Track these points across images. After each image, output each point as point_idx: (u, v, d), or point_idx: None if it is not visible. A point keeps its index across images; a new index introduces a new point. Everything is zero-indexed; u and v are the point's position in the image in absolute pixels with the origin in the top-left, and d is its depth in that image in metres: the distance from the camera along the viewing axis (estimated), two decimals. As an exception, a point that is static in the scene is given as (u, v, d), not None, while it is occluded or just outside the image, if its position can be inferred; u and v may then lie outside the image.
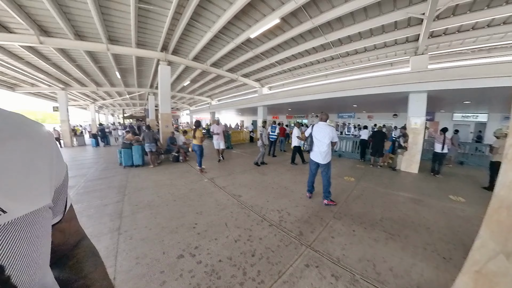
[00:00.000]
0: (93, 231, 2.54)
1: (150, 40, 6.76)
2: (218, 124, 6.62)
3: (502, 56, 6.38)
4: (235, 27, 5.89)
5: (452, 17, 5.07)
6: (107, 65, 9.06)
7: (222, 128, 6.67)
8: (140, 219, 2.82)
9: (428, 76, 5.88)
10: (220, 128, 6.52)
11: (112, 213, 3.01)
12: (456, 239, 2.51)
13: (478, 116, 10.98)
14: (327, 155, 3.39)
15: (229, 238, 2.36)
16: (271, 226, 2.65)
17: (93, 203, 3.39)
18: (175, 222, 2.74)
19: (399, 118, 13.50)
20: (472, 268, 1.12)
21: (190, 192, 3.94)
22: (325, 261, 2.02)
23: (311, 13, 5.02)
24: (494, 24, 5.33)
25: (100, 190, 4.04)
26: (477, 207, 3.52)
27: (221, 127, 6.55)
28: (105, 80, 11.60)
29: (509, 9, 4.51)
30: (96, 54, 7.87)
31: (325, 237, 2.46)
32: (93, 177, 5.03)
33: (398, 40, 6.41)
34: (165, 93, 7.98)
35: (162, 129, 7.80)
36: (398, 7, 4.76)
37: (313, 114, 19.50)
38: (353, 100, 9.16)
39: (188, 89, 16.12)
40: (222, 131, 6.57)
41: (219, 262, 1.95)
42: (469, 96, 6.88)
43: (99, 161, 7.05)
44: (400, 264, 2.00)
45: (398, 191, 4.38)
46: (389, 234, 2.57)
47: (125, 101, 21.62)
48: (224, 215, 2.94)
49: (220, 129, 6.49)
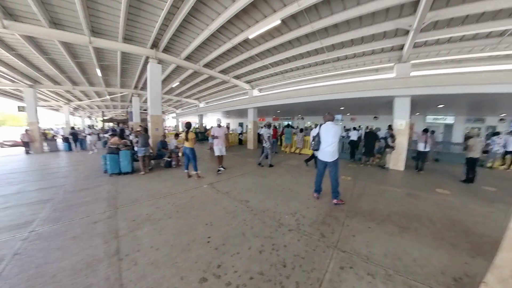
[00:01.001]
0: (83, 258, 2.00)
1: (140, 35, 6.34)
2: (220, 126, 5.83)
3: (470, 66, 7.26)
4: (233, 27, 5.81)
5: (433, 31, 5.64)
6: (87, 60, 8.28)
7: (224, 131, 5.93)
8: (142, 238, 2.39)
9: (411, 82, 6.44)
10: (222, 131, 5.77)
11: (105, 232, 2.51)
12: (454, 226, 2.81)
13: (446, 119, 12.34)
14: (333, 154, 3.48)
15: (252, 249, 2.17)
16: (291, 231, 2.58)
17: (78, 221, 2.83)
18: (185, 238, 2.39)
19: (379, 120, 14.55)
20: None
21: (192, 200, 3.60)
22: (356, 261, 2.03)
23: (311, 18, 5.18)
24: (465, 39, 6.06)
25: (85, 204, 3.45)
26: (461, 199, 4.01)
27: (223, 130, 5.81)
28: (83, 78, 10.58)
29: (478, 27, 5.21)
30: (75, 47, 7.13)
31: (346, 236, 2.50)
32: (73, 187, 4.36)
33: (385, 49, 6.92)
34: (155, 93, 7.52)
35: (152, 133, 7.31)
36: (389, 18, 5.14)
37: (299, 116, 20.05)
38: (342, 103, 9.63)
39: (176, 90, 15.47)
40: (224, 134, 5.82)
41: (250, 280, 1.74)
42: (443, 100, 7.70)
43: (78, 168, 6.30)
44: (420, 255, 2.14)
45: (393, 187, 4.71)
46: (401, 228, 2.73)
47: (105, 102, 19.92)
48: (237, 224, 2.72)
49: (222, 132, 5.74)
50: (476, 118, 11.75)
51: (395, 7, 4.69)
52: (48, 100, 16.91)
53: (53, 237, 2.41)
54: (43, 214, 3.03)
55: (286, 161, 7.74)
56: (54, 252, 2.12)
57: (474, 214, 3.25)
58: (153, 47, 6.99)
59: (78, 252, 2.12)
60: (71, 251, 2.13)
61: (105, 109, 26.84)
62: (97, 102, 19.48)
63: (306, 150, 9.86)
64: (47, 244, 2.26)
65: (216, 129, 5.74)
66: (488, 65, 7.06)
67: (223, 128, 5.93)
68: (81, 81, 11.27)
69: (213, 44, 7.08)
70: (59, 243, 2.27)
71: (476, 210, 3.46)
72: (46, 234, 2.47)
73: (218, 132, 5.70)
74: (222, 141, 5.68)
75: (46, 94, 14.94)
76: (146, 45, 6.81)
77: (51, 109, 22.45)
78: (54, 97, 16.13)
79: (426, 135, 6.30)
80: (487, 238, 2.52)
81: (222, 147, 5.73)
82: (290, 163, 7.48)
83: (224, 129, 6.02)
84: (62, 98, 16.66)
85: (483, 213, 3.34)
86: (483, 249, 2.27)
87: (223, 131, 5.80)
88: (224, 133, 5.86)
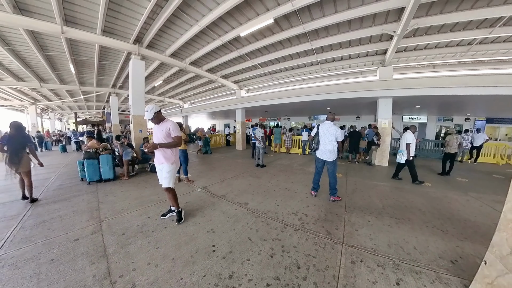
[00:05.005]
0: (66, 285, 1.64)
1: (122, 28, 5.86)
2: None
3: (442, 71, 7.96)
4: (224, 24, 5.64)
5: (412, 37, 6.07)
6: (58, 54, 7.45)
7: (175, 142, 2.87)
8: (136, 254, 2.07)
9: (393, 84, 6.89)
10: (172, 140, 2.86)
11: (90, 251, 2.11)
12: (441, 214, 3.14)
13: (420, 118, 13.47)
14: (332, 153, 3.54)
15: (262, 254, 2.07)
16: (297, 231, 2.54)
17: (54, 239, 2.34)
18: (187, 249, 2.15)
19: (361, 120, 15.37)
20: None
21: (187, 206, 3.34)
22: (365, 254, 2.10)
23: (304, 19, 5.23)
24: (440, 46, 6.63)
25: (61, 218, 2.91)
26: (441, 189, 4.49)
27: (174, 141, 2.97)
28: (53, 75, 9.51)
29: (451, 35, 5.73)
30: (44, 38, 6.34)
31: (350, 231, 2.56)
32: (45, 199, 3.72)
33: (370, 52, 7.29)
34: (138, 92, 7.01)
35: (135, 135, 6.80)
36: (376, 23, 5.41)
37: (285, 117, 20.34)
38: (328, 103, 9.97)
39: (159, 90, 14.70)
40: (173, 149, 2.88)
41: (268, 287, 1.67)
42: (420, 102, 8.36)
43: (49, 176, 5.50)
44: (418, 242, 2.33)
45: (381, 182, 5.03)
46: (396, 219, 2.94)
47: (78, 103, 18.19)
48: (241, 229, 2.59)
49: (169, 151, 2.83)
50: (446, 117, 12.99)
51: (381, 13, 4.94)
52: (10, 99, 14.97)
53: (25, 262, 1.95)
54: (9, 235, 2.47)
55: (277, 161, 7.77)
56: (27, 281, 1.70)
57: (454, 203, 3.65)
58: (136, 42, 6.52)
59: (58, 279, 1.71)
60: (49, 278, 1.73)
61: (78, 110, 24.64)
62: (69, 103, 17.76)
63: (295, 150, 10.03)
64: (18, 272, 1.81)
65: (158, 133, 2.68)
66: (457, 70, 7.81)
67: (177, 134, 2.69)
68: (50, 78, 10.13)
69: (202, 41, 6.83)
70: (33, 270, 1.84)
71: (455, 199, 3.86)
72: (14, 259, 2.00)
73: (159, 139, 2.66)
74: (170, 156, 2.69)
75: (7, 92, 13.19)
76: (128, 39, 6.32)
77: (13, 110, 19.93)
78: (17, 96, 14.30)
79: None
80: (469, 222, 2.88)
81: (171, 169, 2.68)
82: (282, 162, 7.52)
83: (179, 136, 2.76)
84: (27, 97, 14.85)
85: (461, 201, 3.75)
86: (468, 232, 2.59)
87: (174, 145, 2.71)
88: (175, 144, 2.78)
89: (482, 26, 5.35)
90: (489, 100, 6.98)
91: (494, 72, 6.97)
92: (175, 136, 2.61)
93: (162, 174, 2.71)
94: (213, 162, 7.70)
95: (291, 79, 10.99)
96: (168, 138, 2.61)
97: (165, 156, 2.65)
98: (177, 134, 2.63)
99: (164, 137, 2.60)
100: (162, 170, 2.68)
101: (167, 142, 2.59)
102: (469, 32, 5.51)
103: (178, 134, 2.65)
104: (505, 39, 5.98)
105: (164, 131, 2.60)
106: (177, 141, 2.62)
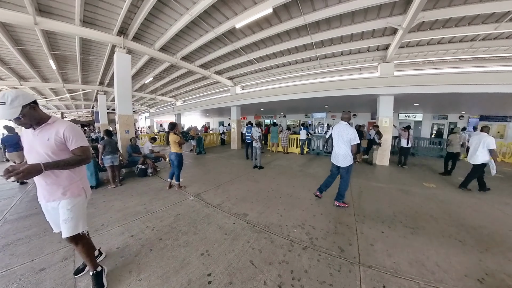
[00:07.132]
0: None
1: (103, 18, 5.27)
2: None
3: (442, 69, 7.79)
4: (218, 13, 5.15)
5: (417, 32, 5.80)
6: (35, 48, 6.75)
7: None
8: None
9: (395, 81, 6.65)
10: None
11: (58, 286, 1.69)
12: (453, 221, 2.93)
13: (416, 116, 13.44)
14: (345, 158, 3.23)
15: (269, 284, 1.70)
16: (306, 250, 2.20)
17: (15, 270, 1.87)
18: (177, 280, 1.75)
19: (358, 118, 15.23)
20: None
21: (178, 220, 2.89)
22: (386, 277, 1.82)
23: (305, 9, 4.83)
24: (443, 42, 6.41)
25: (29, 239, 2.39)
26: (447, 191, 4.29)
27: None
28: (33, 72, 8.72)
29: (456, 31, 5.49)
30: (16, 31, 5.70)
31: (365, 247, 2.27)
32: (17, 213, 3.18)
33: (371, 48, 6.99)
34: (124, 89, 6.42)
35: (121, 136, 6.24)
36: (381, 15, 5.09)
37: (281, 114, 20.00)
38: (326, 100, 9.68)
39: (150, 87, 13.98)
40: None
41: None
42: (420, 99, 8.18)
43: (29, 183, 4.91)
44: (439, 257, 2.11)
45: (385, 183, 4.82)
46: (411, 228, 2.70)
47: (65, 102, 17.12)
48: (241, 249, 2.19)
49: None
50: (441, 115, 13.00)
51: (387, 5, 4.62)
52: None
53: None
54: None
55: (275, 162, 7.43)
56: None
57: (463, 206, 3.50)
58: (120, 34, 5.94)
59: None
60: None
61: (66, 109, 23.39)
62: (55, 102, 16.71)
63: (292, 149, 9.71)
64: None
65: (36, 145, 1.51)
66: (457, 67, 7.66)
67: (80, 145, 1.63)
68: (30, 75, 9.33)
69: (194, 34, 6.31)
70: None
71: (463, 202, 3.70)
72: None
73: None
74: (68, 183, 1.56)
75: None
76: (111, 30, 5.73)
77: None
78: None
79: (408, 132, 6.57)
80: (483, 229, 2.68)
81: (75, 203, 1.60)
82: (280, 163, 7.18)
83: (84, 148, 1.68)
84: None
85: (470, 204, 3.60)
86: (486, 242, 2.40)
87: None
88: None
89: (488, 21, 5.14)
90: (486, 98, 6.88)
91: (495, 69, 6.85)
92: (76, 148, 1.50)
93: (58, 216, 1.55)
94: (207, 163, 7.27)
95: (288, 75, 10.60)
96: (62, 152, 1.48)
97: (59, 185, 1.50)
98: (81, 144, 1.52)
99: (52, 151, 1.44)
100: (59, 208, 1.53)
101: (60, 159, 1.43)
102: (475, 27, 5.29)
103: (83, 144, 1.54)
104: (509, 35, 5.82)
105: (53, 141, 1.43)
106: (82, 156, 1.51)
